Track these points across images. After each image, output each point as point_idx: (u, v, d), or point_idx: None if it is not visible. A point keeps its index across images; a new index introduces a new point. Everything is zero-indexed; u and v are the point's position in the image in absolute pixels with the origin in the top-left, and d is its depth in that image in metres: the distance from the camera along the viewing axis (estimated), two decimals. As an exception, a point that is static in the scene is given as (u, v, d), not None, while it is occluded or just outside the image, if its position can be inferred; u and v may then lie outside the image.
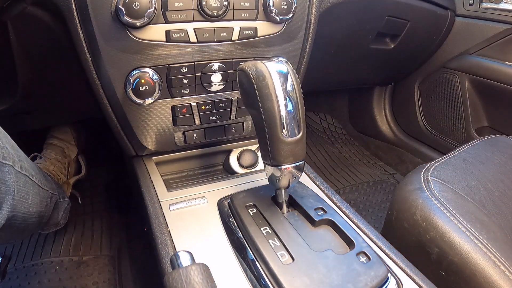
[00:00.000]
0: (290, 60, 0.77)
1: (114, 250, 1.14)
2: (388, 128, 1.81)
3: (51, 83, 0.91)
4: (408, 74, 1.65)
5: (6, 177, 0.64)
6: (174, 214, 0.65)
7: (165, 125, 0.75)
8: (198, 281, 0.39)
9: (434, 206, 0.71)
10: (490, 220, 0.72)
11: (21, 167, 0.70)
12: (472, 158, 0.88)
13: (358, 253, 0.54)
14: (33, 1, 0.62)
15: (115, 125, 0.75)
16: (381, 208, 1.47)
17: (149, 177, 0.76)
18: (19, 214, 0.69)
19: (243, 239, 0.59)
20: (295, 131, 0.53)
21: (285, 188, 0.60)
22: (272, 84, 0.51)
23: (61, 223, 1.09)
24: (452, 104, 1.47)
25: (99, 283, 1.03)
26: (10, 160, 0.65)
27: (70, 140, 1.33)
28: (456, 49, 1.41)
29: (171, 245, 0.58)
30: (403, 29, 1.27)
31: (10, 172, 0.65)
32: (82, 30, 0.62)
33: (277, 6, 0.67)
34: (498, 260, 0.62)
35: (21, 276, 1.02)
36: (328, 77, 1.51)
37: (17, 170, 0.67)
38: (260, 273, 0.53)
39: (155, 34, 0.63)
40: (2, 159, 0.63)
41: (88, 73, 0.66)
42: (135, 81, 0.65)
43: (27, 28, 0.68)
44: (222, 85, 0.73)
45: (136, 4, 0.57)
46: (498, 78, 1.27)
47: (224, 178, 0.78)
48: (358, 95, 1.92)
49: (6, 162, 0.64)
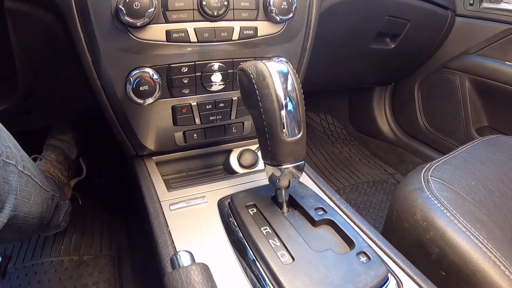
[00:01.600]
0: (290, 60, 0.77)
1: (114, 250, 1.14)
2: (388, 128, 1.81)
3: (51, 83, 0.91)
4: (408, 74, 1.65)
5: (9, 176, 0.64)
6: (174, 214, 0.65)
7: (165, 125, 0.75)
8: (198, 281, 0.39)
9: (434, 206, 0.71)
10: (490, 220, 0.72)
11: (24, 167, 0.69)
12: (472, 158, 0.88)
13: (358, 253, 0.54)
14: (34, 0, 0.62)
15: (115, 125, 0.75)
16: (381, 208, 1.47)
17: (149, 177, 0.76)
18: (21, 214, 0.69)
19: (243, 239, 0.59)
20: (295, 131, 0.53)
21: (285, 188, 0.60)
22: (272, 84, 0.51)
23: (62, 225, 1.09)
24: (453, 104, 1.47)
25: (99, 283, 1.03)
26: (13, 160, 0.65)
27: (70, 140, 1.32)
28: (456, 49, 1.41)
29: (171, 245, 0.58)
30: (403, 29, 1.27)
31: (13, 172, 0.65)
32: (82, 29, 0.62)
33: (277, 6, 0.67)
34: (498, 260, 0.62)
35: (21, 275, 1.02)
36: (328, 77, 1.51)
37: (20, 170, 0.67)
38: (260, 273, 0.53)
39: (156, 34, 0.63)
40: (6, 158, 0.63)
41: (88, 72, 0.66)
42: (135, 81, 0.65)
43: (27, 28, 0.68)
44: (222, 85, 0.73)
45: (136, 4, 0.57)
46: (498, 78, 1.27)
47: (224, 178, 0.78)
48: (358, 95, 1.92)
49: (9, 161, 0.64)
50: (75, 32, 0.62)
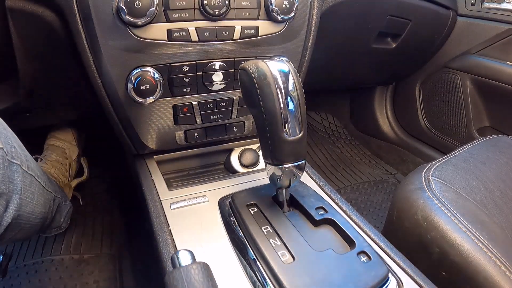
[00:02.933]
0: (291, 59, 0.77)
1: (115, 249, 1.14)
2: (390, 128, 1.81)
3: (52, 82, 0.91)
4: (409, 74, 1.64)
5: (14, 176, 0.64)
6: (175, 213, 0.65)
7: (166, 124, 0.75)
8: (198, 280, 0.39)
9: (435, 206, 0.71)
10: (491, 220, 0.72)
11: (28, 167, 0.70)
12: (473, 158, 0.88)
13: (359, 252, 0.54)
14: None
15: (116, 124, 0.75)
16: (382, 207, 1.47)
17: (150, 176, 0.76)
18: (24, 214, 0.69)
19: (244, 238, 0.59)
20: (296, 130, 0.53)
21: (286, 188, 0.60)
22: (274, 83, 0.51)
23: (63, 226, 1.09)
24: (454, 104, 1.47)
25: (100, 282, 1.03)
26: (18, 160, 0.66)
27: (71, 140, 1.32)
28: (458, 49, 1.41)
29: (172, 244, 0.58)
30: (404, 29, 1.26)
31: (18, 172, 0.65)
32: (84, 28, 0.62)
33: (278, 6, 0.67)
34: (499, 261, 0.62)
35: (22, 274, 1.02)
36: (330, 76, 1.51)
37: (24, 170, 0.68)
38: (261, 272, 0.53)
39: (157, 33, 0.63)
40: (11, 158, 0.63)
41: (90, 71, 0.67)
42: (136, 80, 0.65)
43: (28, 26, 0.68)
44: (223, 84, 0.73)
45: (137, 3, 0.57)
46: (499, 78, 1.27)
47: (225, 177, 0.78)
48: (359, 95, 1.92)
49: (14, 161, 0.64)
50: (76, 31, 0.62)
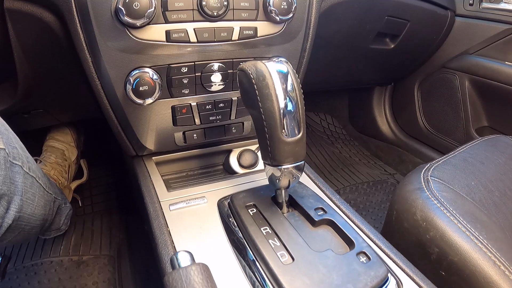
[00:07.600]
0: (290, 60, 0.77)
1: (114, 250, 1.14)
2: (388, 128, 1.82)
3: (51, 83, 0.91)
4: (408, 74, 1.65)
5: (15, 177, 0.64)
6: (174, 214, 0.65)
7: (165, 125, 0.75)
8: (198, 281, 0.39)
9: (434, 206, 0.71)
10: (490, 220, 0.72)
11: (29, 169, 0.70)
12: (472, 158, 0.88)
13: (358, 253, 0.54)
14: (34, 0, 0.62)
15: (115, 125, 0.75)
16: (381, 208, 1.47)
17: (149, 177, 0.76)
18: (25, 215, 0.69)
19: (243, 239, 0.59)
20: (295, 131, 0.53)
21: (285, 188, 0.60)
22: (272, 84, 0.51)
23: (63, 228, 1.09)
24: (452, 104, 1.47)
25: (99, 283, 1.03)
26: (20, 161, 0.65)
27: (70, 141, 1.32)
28: (456, 49, 1.41)
29: (171, 245, 0.58)
30: (403, 29, 1.27)
31: (19, 173, 0.65)
32: (82, 30, 0.62)
33: (277, 6, 0.67)
34: (498, 260, 0.62)
35: (20, 276, 1.02)
36: (328, 77, 1.51)
37: (25, 171, 0.67)
38: (260, 273, 0.53)
39: (155, 34, 0.63)
40: (13, 159, 0.63)
41: (88, 73, 0.66)
42: (135, 81, 0.65)
43: (26, 28, 0.68)
44: (222, 85, 0.73)
45: (136, 4, 0.57)
46: (498, 78, 1.27)
47: (224, 178, 0.78)
48: (358, 95, 1.92)
49: (16, 162, 0.64)
50: (75, 32, 0.62)
